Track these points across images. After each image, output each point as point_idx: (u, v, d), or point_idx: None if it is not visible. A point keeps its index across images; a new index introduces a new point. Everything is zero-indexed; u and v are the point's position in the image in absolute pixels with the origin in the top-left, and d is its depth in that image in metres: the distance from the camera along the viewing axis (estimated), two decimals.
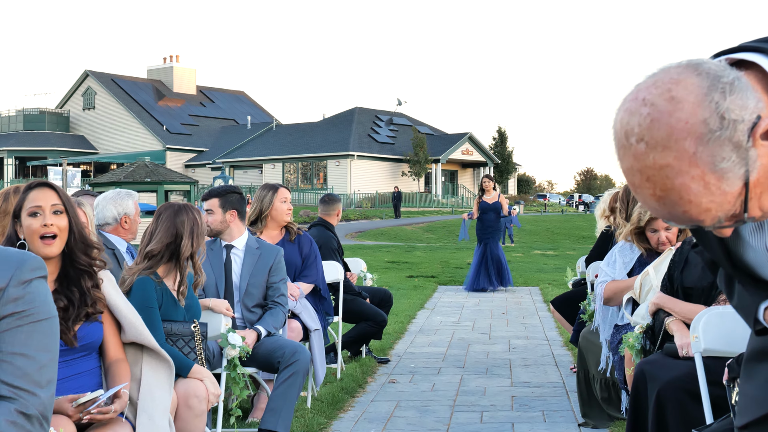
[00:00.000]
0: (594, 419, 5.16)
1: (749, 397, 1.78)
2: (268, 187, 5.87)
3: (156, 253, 3.82)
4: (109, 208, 4.84)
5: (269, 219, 5.83)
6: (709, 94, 1.31)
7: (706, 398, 3.03)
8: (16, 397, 1.95)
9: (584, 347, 5.30)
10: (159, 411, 3.12)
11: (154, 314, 3.69)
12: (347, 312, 7.03)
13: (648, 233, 4.46)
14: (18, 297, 2.07)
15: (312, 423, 5.15)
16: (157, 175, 33.60)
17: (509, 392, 6.25)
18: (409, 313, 10.72)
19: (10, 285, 1.99)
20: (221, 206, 4.96)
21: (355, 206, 52.54)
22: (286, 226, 5.94)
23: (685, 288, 3.71)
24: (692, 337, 3.10)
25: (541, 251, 25.31)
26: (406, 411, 5.69)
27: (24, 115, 64.79)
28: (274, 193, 5.82)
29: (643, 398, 3.39)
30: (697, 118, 1.30)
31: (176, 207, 3.93)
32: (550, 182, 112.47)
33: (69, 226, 2.97)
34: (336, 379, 6.49)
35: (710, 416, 2.95)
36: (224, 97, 72.35)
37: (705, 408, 3.02)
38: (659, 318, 3.75)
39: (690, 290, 3.70)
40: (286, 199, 5.86)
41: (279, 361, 4.49)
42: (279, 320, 4.84)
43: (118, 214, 4.84)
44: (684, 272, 3.75)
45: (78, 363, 3.07)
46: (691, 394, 3.21)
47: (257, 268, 4.96)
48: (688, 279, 3.73)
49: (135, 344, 3.21)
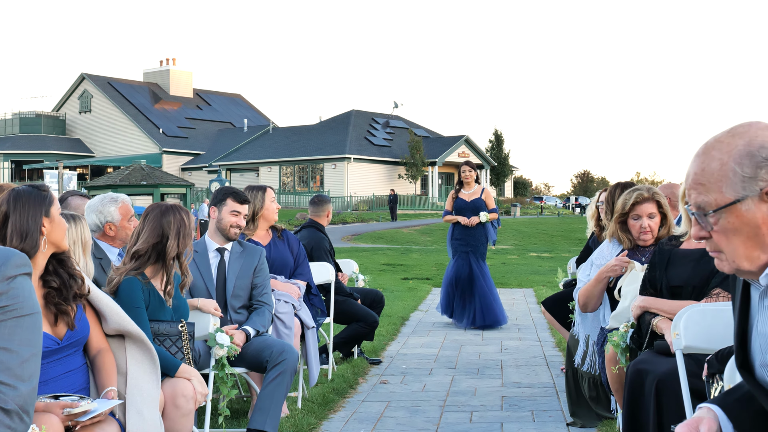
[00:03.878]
0: (582, 418, 5.18)
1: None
2: (257, 188, 5.89)
3: (142, 254, 3.84)
4: (92, 216, 4.76)
5: (261, 219, 5.86)
6: None
7: (686, 394, 3.05)
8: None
9: (572, 346, 5.33)
10: (147, 404, 3.10)
11: (141, 314, 3.71)
12: (338, 313, 7.05)
13: (630, 221, 4.46)
14: (2, 292, 2.10)
15: (302, 423, 5.17)
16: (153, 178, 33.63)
17: (499, 392, 6.27)
18: (402, 315, 10.73)
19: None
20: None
21: (352, 209, 52.55)
22: (273, 225, 5.98)
23: (672, 287, 3.71)
24: (673, 334, 3.12)
25: (537, 253, 25.35)
26: (396, 411, 5.71)
27: (20, 118, 64.80)
28: (264, 193, 5.85)
29: (639, 395, 3.39)
30: None
31: (163, 207, 3.95)
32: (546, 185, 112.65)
33: None
34: (327, 380, 6.51)
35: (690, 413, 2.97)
36: (221, 100, 72.39)
37: (685, 404, 3.04)
38: (645, 320, 3.75)
39: (678, 289, 3.69)
40: (274, 199, 5.90)
41: (267, 360, 4.51)
42: (266, 319, 4.86)
43: (100, 222, 4.76)
44: (668, 271, 3.75)
45: (67, 361, 3.06)
46: (689, 386, 3.20)
47: (243, 269, 4.98)
48: (674, 278, 3.72)
49: (117, 338, 3.20)
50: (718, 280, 3.55)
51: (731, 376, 2.23)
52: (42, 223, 2.94)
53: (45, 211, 2.97)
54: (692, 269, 3.69)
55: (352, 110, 61.47)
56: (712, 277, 3.58)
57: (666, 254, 3.78)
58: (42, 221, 2.95)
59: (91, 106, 65.37)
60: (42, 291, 2.96)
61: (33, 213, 2.95)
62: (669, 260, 3.75)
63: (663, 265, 3.76)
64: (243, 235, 5.78)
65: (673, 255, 3.76)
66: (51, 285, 2.96)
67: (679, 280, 3.69)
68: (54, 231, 2.98)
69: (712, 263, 3.60)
